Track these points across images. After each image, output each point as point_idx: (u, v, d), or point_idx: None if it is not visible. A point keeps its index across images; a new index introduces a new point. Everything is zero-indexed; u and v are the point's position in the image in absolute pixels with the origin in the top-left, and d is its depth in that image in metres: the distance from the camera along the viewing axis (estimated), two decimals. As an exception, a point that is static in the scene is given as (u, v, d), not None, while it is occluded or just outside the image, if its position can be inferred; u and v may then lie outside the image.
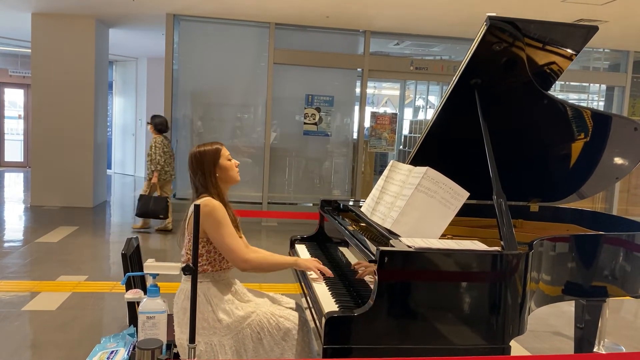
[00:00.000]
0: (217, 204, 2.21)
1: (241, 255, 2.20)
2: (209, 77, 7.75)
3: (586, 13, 6.16)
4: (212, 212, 2.17)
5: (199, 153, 2.32)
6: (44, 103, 7.81)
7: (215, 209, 2.18)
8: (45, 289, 4.36)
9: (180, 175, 7.87)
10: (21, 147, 13.08)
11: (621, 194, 8.87)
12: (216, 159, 2.32)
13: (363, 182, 8.17)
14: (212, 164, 2.31)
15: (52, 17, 7.73)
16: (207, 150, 2.32)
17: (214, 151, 2.33)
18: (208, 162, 2.31)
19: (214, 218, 2.18)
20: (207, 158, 2.31)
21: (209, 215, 2.16)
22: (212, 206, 2.18)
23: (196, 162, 2.31)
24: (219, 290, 2.23)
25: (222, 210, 2.21)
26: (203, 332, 2.13)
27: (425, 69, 8.07)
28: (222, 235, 2.18)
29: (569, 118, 2.66)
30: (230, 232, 2.21)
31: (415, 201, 2.17)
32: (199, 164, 2.30)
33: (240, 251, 2.21)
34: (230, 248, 2.19)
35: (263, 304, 2.31)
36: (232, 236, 2.21)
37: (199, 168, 2.30)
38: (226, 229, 2.20)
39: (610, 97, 8.86)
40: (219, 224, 2.18)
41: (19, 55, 11.96)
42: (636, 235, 2.57)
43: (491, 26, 2.16)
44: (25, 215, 7.49)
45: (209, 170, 2.30)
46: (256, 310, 2.23)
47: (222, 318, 2.17)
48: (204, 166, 2.30)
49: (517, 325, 1.96)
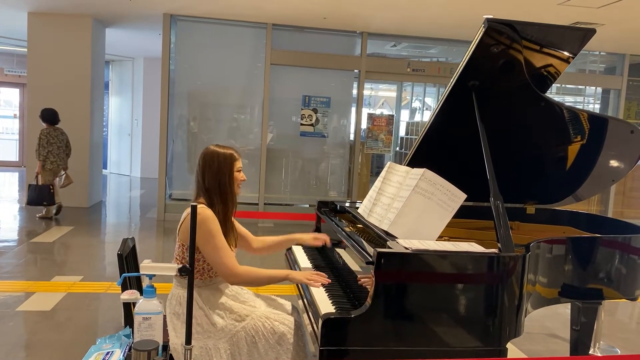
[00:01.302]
0: (209, 214, 2.13)
1: (230, 269, 2.13)
2: (205, 77, 7.74)
3: (583, 16, 6.18)
4: (202, 222, 2.09)
5: (215, 153, 2.23)
6: (40, 102, 7.76)
7: (206, 219, 2.11)
8: (40, 289, 4.34)
9: (176, 175, 7.86)
10: (16, 146, 13.03)
11: (617, 197, 8.90)
12: (231, 164, 2.24)
13: (360, 184, 8.17)
14: (227, 168, 2.22)
15: (48, 16, 7.70)
16: (224, 153, 2.24)
17: (229, 156, 2.24)
18: (223, 164, 2.22)
19: (204, 228, 2.10)
20: (222, 160, 2.23)
21: (200, 226, 2.05)
22: (203, 215, 2.10)
23: (210, 161, 2.22)
24: (211, 294, 2.21)
25: (214, 221, 2.14)
26: (198, 337, 2.12)
27: (422, 70, 8.08)
28: (212, 247, 2.12)
29: (566, 120, 2.67)
30: (220, 245, 2.14)
31: (412, 203, 2.17)
32: (211, 164, 2.22)
33: (230, 265, 2.14)
34: (220, 261, 2.13)
35: (258, 306, 2.30)
36: (222, 248, 2.14)
37: (210, 168, 2.22)
38: (216, 241, 2.13)
39: (606, 99, 8.90)
40: (210, 235, 2.12)
41: (14, 55, 11.91)
42: (632, 237, 2.58)
43: (489, 28, 2.17)
44: (20, 215, 7.45)
45: (223, 174, 2.22)
46: (251, 314, 2.21)
47: (216, 321, 2.15)
48: (218, 168, 2.21)
49: (513, 327, 1.96)
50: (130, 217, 8.08)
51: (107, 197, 9.42)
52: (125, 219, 7.90)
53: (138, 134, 12.05)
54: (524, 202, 3.14)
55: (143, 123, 11.84)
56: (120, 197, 9.72)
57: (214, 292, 2.23)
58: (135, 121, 12.13)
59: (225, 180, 2.22)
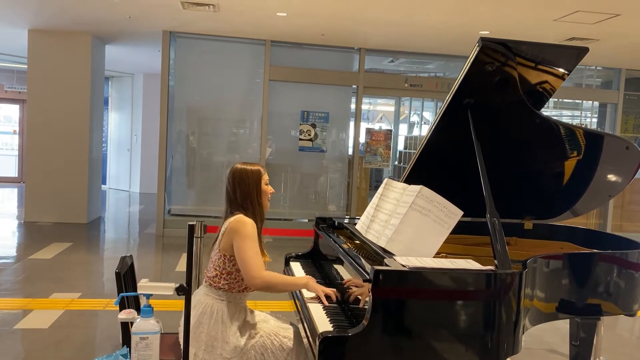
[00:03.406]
0: (249, 221, 2.28)
1: (255, 270, 2.22)
2: (204, 93, 7.79)
3: (578, 32, 6.24)
4: (243, 226, 2.24)
5: (244, 171, 2.37)
6: (40, 118, 7.81)
7: (247, 224, 2.26)
8: (38, 306, 4.32)
9: (175, 190, 7.86)
10: (15, 162, 13.04)
11: (615, 210, 8.91)
12: (259, 179, 2.38)
13: (358, 198, 8.18)
14: (256, 183, 2.37)
15: (48, 33, 7.77)
16: (252, 170, 2.38)
17: (257, 172, 2.39)
18: (252, 180, 2.36)
19: (244, 231, 2.23)
20: (251, 176, 2.37)
21: (241, 229, 2.23)
22: (243, 222, 2.26)
23: (239, 178, 2.36)
24: (234, 312, 2.28)
25: (254, 228, 2.27)
26: (210, 350, 2.17)
27: (419, 85, 8.14)
28: (245, 248, 2.23)
29: (562, 136, 2.68)
30: (253, 247, 2.24)
31: (409, 219, 2.18)
32: (241, 181, 2.35)
33: (256, 266, 2.23)
34: (249, 261, 2.22)
35: (268, 323, 2.35)
36: (254, 251, 2.25)
37: (240, 185, 2.35)
38: (251, 243, 2.24)
39: (603, 113, 8.94)
40: (247, 236, 2.23)
41: (14, 71, 11.98)
42: (630, 253, 2.58)
43: (483, 47, 2.19)
44: (18, 231, 7.45)
45: (252, 188, 2.36)
46: (260, 331, 2.27)
47: (230, 340, 2.20)
48: (249, 184, 2.35)
49: (511, 343, 1.96)
50: (129, 232, 8.08)
51: (106, 213, 9.41)
52: (124, 234, 7.89)
53: (137, 150, 12.07)
54: (522, 217, 3.15)
55: (142, 138, 11.87)
56: (119, 213, 9.72)
57: (237, 311, 2.30)
58: (134, 136, 12.16)
59: (254, 194, 2.36)
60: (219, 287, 2.29)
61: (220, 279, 2.30)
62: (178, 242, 7.10)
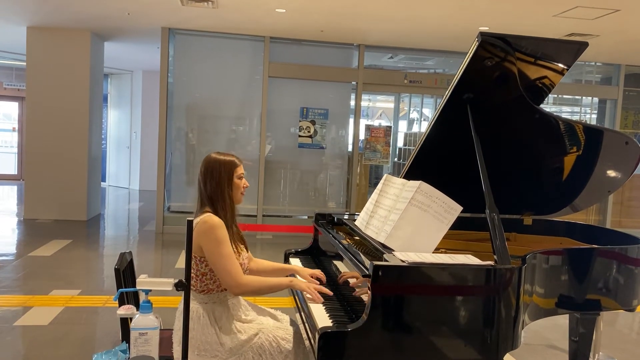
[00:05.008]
0: (217, 222, 2.12)
1: (236, 279, 2.10)
2: (204, 90, 7.78)
3: (577, 27, 6.23)
4: (211, 229, 2.09)
5: (216, 161, 2.23)
6: (39, 116, 7.80)
7: (214, 226, 2.10)
8: (38, 303, 4.33)
9: (175, 187, 7.86)
10: (15, 159, 13.04)
11: (615, 206, 8.91)
12: (231, 171, 2.23)
13: (358, 194, 8.18)
14: (228, 175, 2.22)
15: (47, 30, 7.75)
16: (225, 160, 2.23)
17: (230, 162, 2.24)
18: (224, 171, 2.22)
19: (213, 236, 2.09)
20: (224, 167, 2.22)
21: (208, 233, 2.07)
22: (211, 223, 2.10)
23: (211, 169, 2.21)
24: (225, 312, 2.18)
25: (222, 229, 2.12)
26: (204, 354, 2.09)
27: (419, 82, 8.12)
28: (219, 255, 2.09)
29: (561, 131, 2.68)
30: (227, 253, 2.11)
31: (408, 215, 2.17)
32: (213, 172, 2.21)
33: (235, 274, 2.10)
34: (226, 270, 2.09)
35: (266, 324, 2.26)
36: (229, 257, 2.11)
37: (212, 176, 2.21)
38: (224, 249, 2.10)
39: (602, 109, 8.94)
40: (218, 242, 2.09)
41: (13, 68, 11.97)
42: (629, 248, 2.58)
43: (483, 42, 2.19)
44: (18, 229, 7.45)
45: (223, 181, 2.21)
46: (258, 333, 2.18)
47: (224, 342, 2.11)
48: (219, 176, 2.21)
49: (510, 339, 1.96)
50: (129, 230, 8.08)
51: (105, 210, 9.41)
52: (124, 232, 7.89)
53: (137, 147, 12.07)
54: (521, 213, 3.15)
55: (142, 135, 11.87)
56: (119, 210, 9.72)
57: (228, 310, 2.19)
58: (133, 134, 12.16)
59: (224, 186, 2.21)
60: (198, 289, 2.17)
61: (196, 281, 2.16)
62: (177, 239, 7.11)
